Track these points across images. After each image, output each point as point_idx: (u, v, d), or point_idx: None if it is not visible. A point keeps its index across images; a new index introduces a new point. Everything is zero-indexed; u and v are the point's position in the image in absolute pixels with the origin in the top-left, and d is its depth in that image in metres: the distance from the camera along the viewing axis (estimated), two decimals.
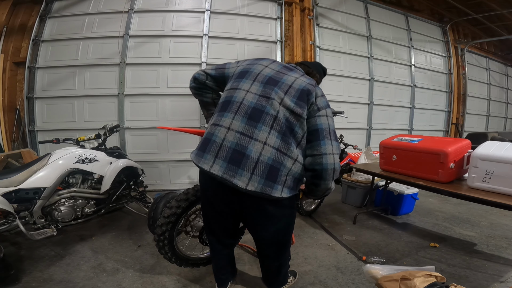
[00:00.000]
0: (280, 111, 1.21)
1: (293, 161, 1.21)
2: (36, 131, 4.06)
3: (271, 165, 1.17)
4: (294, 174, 1.23)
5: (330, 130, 1.25)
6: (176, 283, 1.85)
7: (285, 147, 1.19)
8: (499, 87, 8.12)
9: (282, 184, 1.19)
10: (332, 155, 1.21)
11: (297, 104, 1.21)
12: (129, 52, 4.17)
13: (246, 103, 1.23)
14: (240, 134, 1.19)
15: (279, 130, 1.19)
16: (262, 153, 1.17)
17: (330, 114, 1.28)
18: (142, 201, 2.83)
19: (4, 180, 1.96)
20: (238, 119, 1.22)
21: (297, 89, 1.24)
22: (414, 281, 1.21)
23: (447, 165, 2.14)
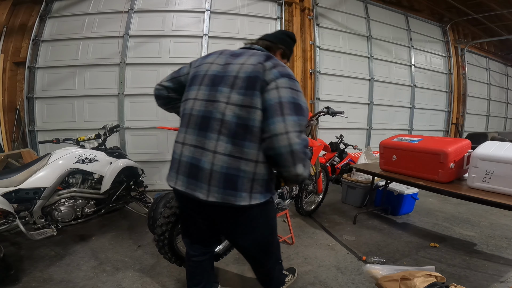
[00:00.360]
0: (227, 112, 1.06)
1: (254, 163, 1.06)
2: (36, 131, 4.06)
3: (225, 174, 1.05)
4: (262, 176, 1.08)
5: (283, 103, 1.01)
6: (176, 283, 1.85)
7: (237, 151, 1.05)
8: (499, 87, 8.12)
9: (248, 191, 1.06)
10: (284, 134, 0.98)
11: (246, 95, 1.05)
12: (129, 52, 4.17)
13: (195, 113, 1.14)
14: (194, 148, 1.12)
15: (227, 134, 1.06)
16: (213, 162, 1.06)
17: (284, 84, 1.04)
18: (142, 201, 2.83)
19: (4, 180, 1.96)
20: (190, 132, 1.14)
21: (244, 77, 1.07)
22: (414, 281, 1.21)
23: (447, 165, 2.14)
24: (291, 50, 1.41)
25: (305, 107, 1.08)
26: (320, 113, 2.62)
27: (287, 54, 1.38)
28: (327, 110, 2.56)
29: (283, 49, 1.34)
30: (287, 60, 1.41)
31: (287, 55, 1.39)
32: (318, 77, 4.96)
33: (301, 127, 1.03)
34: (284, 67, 1.11)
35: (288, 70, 1.10)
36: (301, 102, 1.06)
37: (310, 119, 2.64)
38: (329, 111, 2.56)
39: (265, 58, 1.12)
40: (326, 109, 2.57)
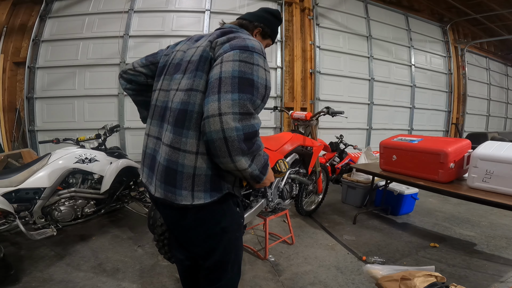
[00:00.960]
0: (175, 98, 0.96)
1: (194, 155, 0.90)
2: (36, 131, 4.07)
3: (166, 167, 0.93)
4: (205, 171, 0.91)
5: (222, 79, 0.84)
6: (176, 283, 1.84)
7: (176, 140, 0.91)
8: (499, 87, 8.12)
9: (189, 189, 0.91)
10: (217, 116, 0.80)
11: (191, 78, 0.93)
12: (129, 52, 4.17)
13: (158, 104, 1.06)
14: (155, 139, 1.04)
15: (171, 121, 0.94)
16: (161, 154, 0.97)
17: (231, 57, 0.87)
18: (142, 201, 2.83)
19: (4, 180, 1.96)
20: (153, 124, 1.07)
21: (194, 60, 0.95)
22: (414, 281, 1.21)
23: (447, 165, 2.14)
24: (274, 29, 1.24)
25: (261, 83, 0.88)
26: (320, 113, 2.62)
27: (268, 33, 1.21)
28: (327, 110, 2.56)
29: (261, 28, 1.18)
30: (271, 41, 1.26)
31: (268, 34, 1.22)
32: (318, 77, 4.96)
33: (245, 108, 0.82)
34: (243, 39, 0.93)
35: (246, 42, 0.91)
36: (255, 77, 0.87)
37: (310, 119, 2.64)
38: (329, 111, 2.55)
39: (219, 34, 0.99)
40: (326, 109, 2.57)
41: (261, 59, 0.92)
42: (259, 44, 0.95)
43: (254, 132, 0.85)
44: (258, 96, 0.88)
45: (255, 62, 0.89)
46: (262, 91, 0.89)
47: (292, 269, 2.03)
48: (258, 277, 1.91)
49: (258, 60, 0.90)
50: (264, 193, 2.10)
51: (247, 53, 0.89)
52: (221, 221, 1.01)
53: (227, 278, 1.11)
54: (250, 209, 1.98)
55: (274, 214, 2.24)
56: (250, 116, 0.84)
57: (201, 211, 0.95)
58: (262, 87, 0.89)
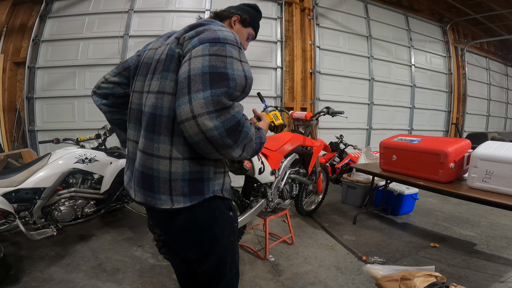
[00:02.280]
0: (146, 102, 0.91)
1: (167, 160, 0.86)
2: (36, 131, 4.06)
3: (141, 172, 0.91)
4: (181, 176, 0.86)
5: (191, 77, 0.76)
6: (176, 283, 1.84)
7: (149, 146, 0.88)
8: (499, 87, 8.12)
9: (167, 193, 0.87)
10: (192, 120, 0.74)
11: (159, 79, 0.88)
12: (129, 52, 4.17)
13: (134, 107, 1.01)
14: (135, 143, 0.99)
15: (144, 126, 0.90)
16: (136, 159, 0.94)
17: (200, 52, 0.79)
18: None
19: (4, 180, 1.96)
20: (131, 127, 1.02)
21: (163, 59, 0.89)
22: (414, 281, 1.21)
23: (447, 165, 2.14)
24: (253, 18, 1.21)
25: (238, 74, 0.80)
26: (320, 113, 2.62)
27: (247, 20, 1.17)
28: (327, 110, 2.56)
29: (239, 15, 1.15)
30: (252, 30, 1.23)
31: (247, 22, 1.18)
32: (318, 77, 4.96)
33: (219, 104, 0.75)
34: (214, 31, 0.85)
35: (217, 34, 0.84)
36: (229, 70, 0.79)
37: (310, 119, 2.64)
38: (329, 111, 2.56)
39: (187, 28, 0.91)
40: (326, 109, 2.57)
41: (235, 50, 0.83)
42: (232, 34, 0.87)
43: (237, 123, 0.79)
44: (237, 88, 0.79)
45: (228, 54, 0.80)
46: (241, 82, 0.81)
47: (292, 269, 2.03)
48: (258, 277, 1.91)
49: (232, 52, 0.82)
50: (264, 193, 2.10)
51: (218, 45, 0.81)
52: (212, 226, 0.97)
53: (226, 281, 1.09)
54: (250, 209, 1.98)
55: (274, 214, 2.24)
56: (228, 109, 0.76)
57: (189, 215, 0.91)
58: (240, 78, 0.81)
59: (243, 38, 1.21)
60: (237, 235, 1.19)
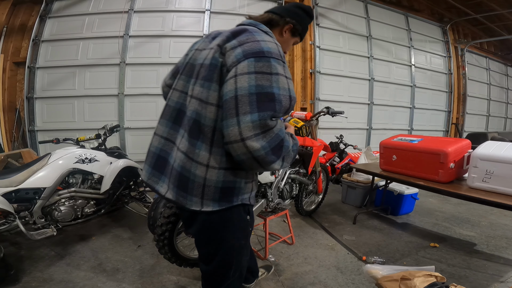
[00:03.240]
0: (190, 106, 0.93)
1: (205, 167, 0.89)
2: (36, 131, 4.07)
3: (179, 173, 0.93)
4: (215, 184, 0.90)
5: (238, 97, 0.78)
6: (176, 283, 1.85)
7: (191, 151, 0.91)
8: (499, 87, 8.12)
9: (199, 196, 0.91)
10: (240, 142, 0.79)
11: (204, 87, 0.89)
12: (129, 52, 4.17)
13: (171, 104, 1.03)
14: (164, 140, 1.02)
15: (187, 129, 0.93)
16: (175, 159, 0.96)
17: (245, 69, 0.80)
18: (142, 201, 2.83)
19: (4, 180, 1.96)
20: (162, 123, 1.05)
21: (206, 65, 0.90)
22: (414, 281, 1.21)
23: (447, 165, 2.14)
24: (305, 26, 1.15)
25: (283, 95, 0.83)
26: (320, 113, 2.62)
27: (299, 30, 1.12)
28: (327, 110, 2.56)
29: (293, 24, 1.09)
30: (299, 39, 1.18)
31: (298, 32, 1.13)
32: (318, 77, 4.96)
33: (266, 126, 0.80)
34: (257, 42, 0.85)
35: (260, 46, 0.84)
36: (275, 89, 0.81)
37: (310, 119, 2.64)
38: (329, 111, 2.55)
39: (229, 36, 0.90)
40: (326, 109, 2.57)
41: (280, 66, 0.84)
42: (276, 46, 0.88)
43: (280, 140, 0.84)
44: (282, 110, 0.83)
45: (273, 71, 0.82)
46: (286, 104, 0.84)
47: (292, 269, 2.03)
48: None
49: (277, 68, 0.83)
50: (264, 193, 2.10)
51: (263, 60, 0.82)
52: (227, 228, 1.00)
53: (227, 283, 1.10)
54: None
55: (274, 214, 2.24)
56: (272, 128, 0.82)
57: (210, 216, 0.95)
58: (286, 99, 0.84)
59: (289, 45, 1.16)
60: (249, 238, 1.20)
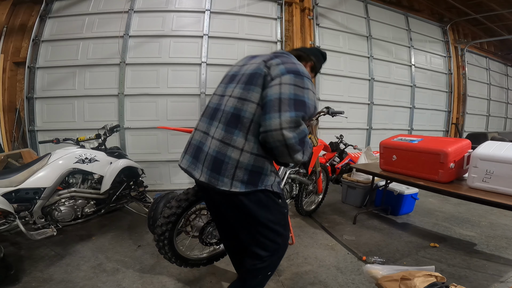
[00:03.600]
0: (228, 103, 1.19)
1: (239, 151, 1.11)
2: (36, 131, 4.06)
3: (214, 157, 1.15)
4: (245, 166, 1.11)
5: (282, 99, 1.06)
6: (176, 283, 1.85)
7: (227, 137, 1.14)
8: (499, 87, 8.12)
9: (230, 177, 1.11)
10: (279, 130, 1.03)
11: (244, 89, 1.16)
12: (129, 52, 4.17)
13: (211, 106, 1.30)
14: (202, 133, 1.26)
15: (223, 121, 1.18)
16: (210, 146, 1.18)
17: (289, 81, 1.09)
18: (142, 201, 2.83)
19: (4, 180, 1.96)
20: (203, 121, 1.30)
21: (247, 74, 1.20)
22: (414, 281, 1.21)
23: (447, 165, 2.14)
24: (321, 66, 1.56)
25: (311, 104, 1.12)
26: (320, 113, 2.62)
27: (316, 69, 1.52)
28: (327, 110, 2.56)
29: (313, 62, 1.48)
30: (314, 74, 1.53)
31: (315, 70, 1.52)
32: (318, 77, 4.96)
33: (298, 122, 1.06)
34: (295, 64, 1.17)
35: (297, 67, 1.15)
36: (306, 98, 1.10)
37: None
38: (329, 111, 2.55)
39: (272, 55, 1.23)
40: (326, 109, 2.57)
41: (310, 83, 1.16)
42: (305, 69, 1.21)
43: (305, 135, 1.10)
44: (308, 114, 1.12)
45: (305, 86, 1.12)
46: (311, 111, 1.13)
47: (292, 269, 2.03)
48: None
49: (308, 84, 1.14)
50: None
51: (299, 77, 1.12)
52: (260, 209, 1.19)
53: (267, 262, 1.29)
54: None
55: None
56: (301, 125, 1.08)
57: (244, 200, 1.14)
58: (312, 107, 1.13)
59: None
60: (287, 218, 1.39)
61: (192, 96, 4.29)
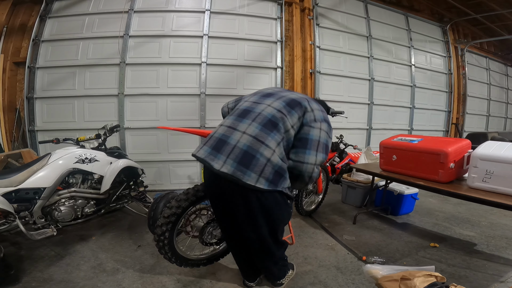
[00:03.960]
0: (266, 110, 1.37)
1: (272, 151, 1.26)
2: (36, 131, 4.06)
3: (245, 151, 1.25)
4: (274, 166, 1.26)
5: (320, 142, 1.34)
6: (176, 283, 1.85)
7: (263, 136, 1.27)
8: (499, 87, 8.11)
9: (258, 173, 1.23)
10: (313, 165, 1.32)
11: (285, 108, 1.37)
12: (129, 52, 4.17)
13: (240, 108, 1.46)
14: (227, 128, 1.37)
15: (260, 122, 1.32)
16: (239, 140, 1.28)
17: (326, 129, 1.38)
18: (142, 201, 2.83)
19: (4, 180, 1.96)
20: (229, 118, 1.43)
21: (289, 98, 1.43)
22: (414, 281, 1.21)
23: (447, 165, 2.14)
24: None
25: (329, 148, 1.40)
26: None
27: None
28: (327, 110, 2.56)
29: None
30: None
31: None
32: (318, 77, 4.96)
33: (322, 162, 1.38)
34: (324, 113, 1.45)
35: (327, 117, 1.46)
36: (329, 143, 1.39)
37: None
38: (329, 111, 2.55)
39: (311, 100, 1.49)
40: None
41: (331, 131, 1.44)
42: None
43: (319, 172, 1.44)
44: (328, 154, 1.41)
45: (330, 134, 1.42)
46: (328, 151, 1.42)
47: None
48: None
49: (331, 132, 1.44)
50: None
51: (330, 128, 1.43)
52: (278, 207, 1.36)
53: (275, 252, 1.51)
54: None
55: None
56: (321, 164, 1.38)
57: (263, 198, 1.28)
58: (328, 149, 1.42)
59: None
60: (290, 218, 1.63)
61: (192, 96, 4.29)
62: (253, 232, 1.42)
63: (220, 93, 4.37)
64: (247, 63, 4.53)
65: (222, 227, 1.68)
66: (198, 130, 3.11)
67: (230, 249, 1.73)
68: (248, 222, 1.38)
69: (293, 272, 1.90)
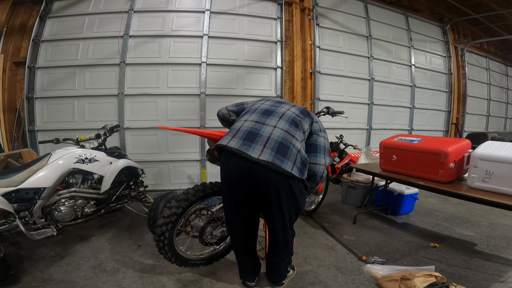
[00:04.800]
0: (287, 112, 1.59)
1: (300, 143, 1.49)
2: (36, 131, 4.06)
3: (280, 142, 1.42)
4: (302, 157, 1.46)
5: (325, 148, 1.63)
6: (176, 283, 1.85)
7: (292, 131, 1.50)
8: (499, 87, 8.11)
9: (292, 161, 1.40)
10: (324, 166, 1.59)
11: (300, 114, 1.63)
12: (129, 52, 4.17)
13: (260, 108, 1.64)
14: (255, 122, 1.52)
15: (286, 120, 1.54)
16: (272, 132, 1.45)
17: (327, 137, 1.68)
18: (142, 201, 2.83)
19: (4, 180, 1.96)
20: (253, 115, 1.59)
21: (298, 107, 1.70)
22: (414, 281, 1.21)
23: (447, 165, 2.14)
24: None
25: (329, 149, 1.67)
26: (320, 113, 2.62)
27: None
28: (327, 110, 2.56)
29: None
30: None
31: None
32: (318, 77, 4.96)
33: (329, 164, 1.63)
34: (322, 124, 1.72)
35: (324, 127, 1.72)
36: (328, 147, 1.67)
37: None
38: (329, 111, 2.55)
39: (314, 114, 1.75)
40: (326, 109, 2.57)
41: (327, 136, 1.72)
42: None
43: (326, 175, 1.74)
44: None
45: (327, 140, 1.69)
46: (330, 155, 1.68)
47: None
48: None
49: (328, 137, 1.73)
50: None
51: (326, 133, 1.70)
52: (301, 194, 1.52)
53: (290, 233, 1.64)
54: None
55: None
56: None
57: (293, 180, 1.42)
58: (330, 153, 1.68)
59: None
60: None
61: (192, 96, 4.30)
62: (279, 220, 1.53)
63: (220, 93, 4.37)
64: (247, 63, 4.53)
65: (233, 222, 1.64)
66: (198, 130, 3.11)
67: (234, 246, 1.73)
68: (277, 209, 1.48)
69: (293, 272, 1.92)
